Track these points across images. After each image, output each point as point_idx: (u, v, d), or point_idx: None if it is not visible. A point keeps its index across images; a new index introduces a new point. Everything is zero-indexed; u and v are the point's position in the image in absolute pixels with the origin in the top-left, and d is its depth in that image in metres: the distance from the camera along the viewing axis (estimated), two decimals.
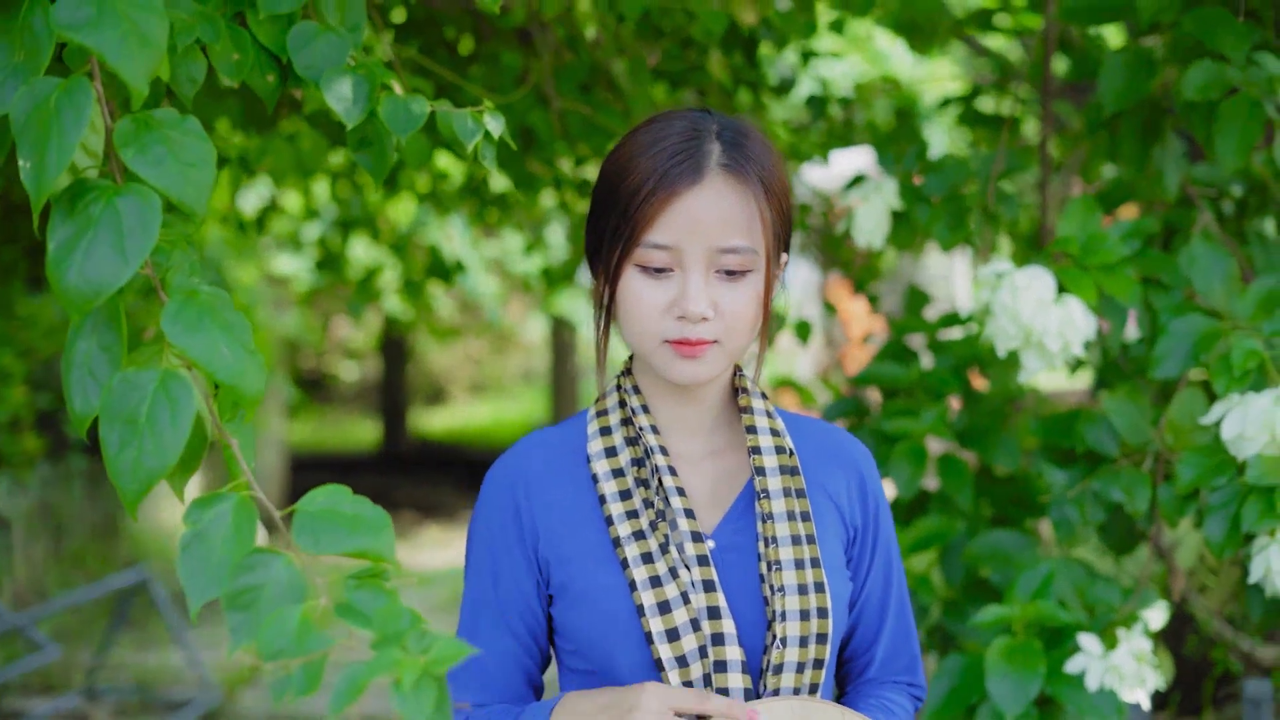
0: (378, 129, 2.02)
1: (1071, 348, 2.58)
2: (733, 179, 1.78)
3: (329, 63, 2.00)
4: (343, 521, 1.39)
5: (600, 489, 1.83)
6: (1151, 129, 2.93)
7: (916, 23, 3.47)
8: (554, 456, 1.88)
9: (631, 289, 1.79)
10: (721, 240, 1.76)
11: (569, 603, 1.82)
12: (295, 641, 1.26)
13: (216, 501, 1.41)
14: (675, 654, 1.74)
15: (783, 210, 1.84)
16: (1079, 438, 2.68)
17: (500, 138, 2.03)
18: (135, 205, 1.53)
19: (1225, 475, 2.45)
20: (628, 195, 1.78)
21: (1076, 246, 2.63)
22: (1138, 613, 2.65)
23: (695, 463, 1.88)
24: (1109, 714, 2.56)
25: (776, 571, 1.79)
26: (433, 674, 1.21)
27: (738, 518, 1.85)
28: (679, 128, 1.81)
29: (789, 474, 1.86)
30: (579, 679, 1.85)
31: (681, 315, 1.76)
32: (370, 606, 1.30)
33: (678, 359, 1.78)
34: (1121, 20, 2.89)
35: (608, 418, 1.89)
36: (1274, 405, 2.38)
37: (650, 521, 1.80)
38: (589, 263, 1.92)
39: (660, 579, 1.76)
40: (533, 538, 1.84)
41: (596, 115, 3.29)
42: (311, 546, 1.37)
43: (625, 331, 1.83)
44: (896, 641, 1.98)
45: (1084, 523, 2.64)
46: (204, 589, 1.37)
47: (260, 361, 1.50)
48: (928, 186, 3.06)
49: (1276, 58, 2.82)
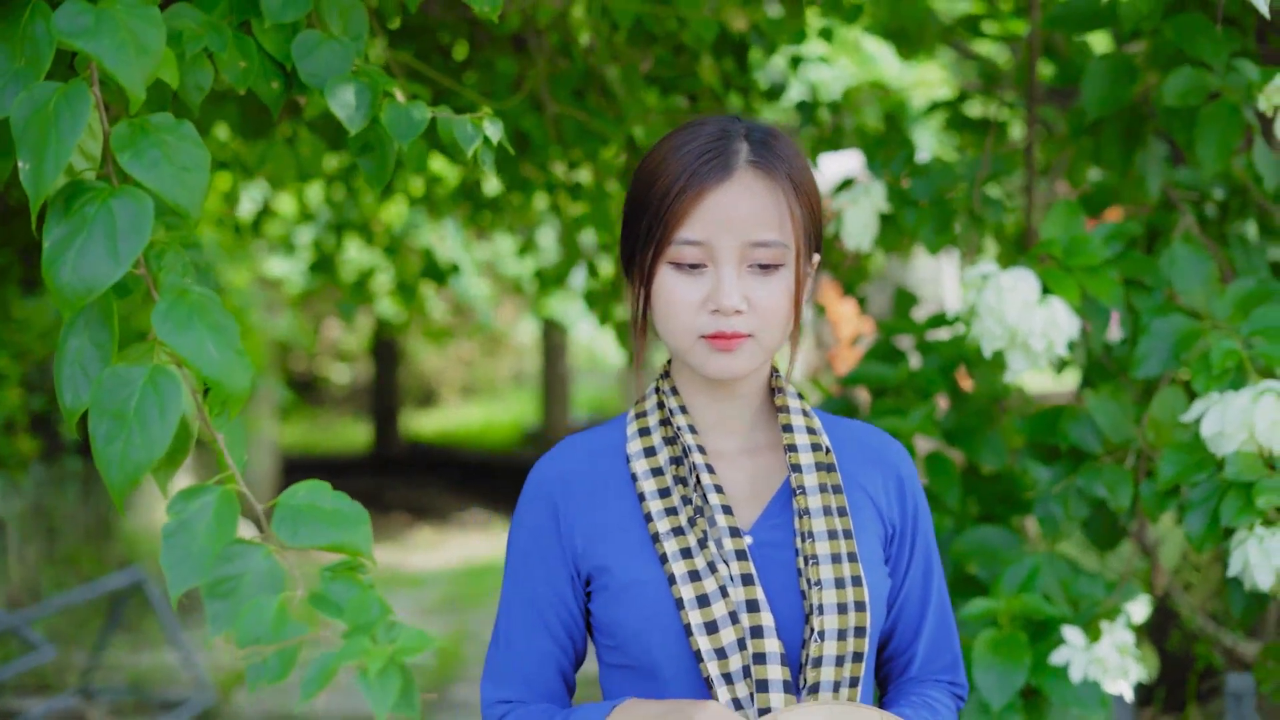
0: (380, 135, 2.07)
1: (1055, 347, 2.64)
2: (762, 175, 1.81)
3: (332, 70, 2.05)
4: (321, 516, 1.45)
5: (639, 487, 1.86)
6: (1133, 134, 2.99)
7: (904, 29, 3.53)
8: (593, 458, 1.92)
9: (665, 287, 1.82)
10: (752, 234, 1.79)
11: (609, 599, 1.84)
12: (272, 630, 1.32)
13: (200, 494, 1.47)
14: (714, 646, 1.76)
15: (813, 209, 1.87)
16: (1063, 435, 2.74)
17: (498, 142, 2.09)
18: (129, 207, 1.59)
19: (1205, 471, 2.51)
20: (659, 196, 1.82)
21: (1060, 249, 2.69)
22: (1120, 606, 2.71)
23: (733, 460, 1.91)
24: (1092, 705, 2.62)
25: (813, 566, 1.82)
26: (398, 663, 1.26)
27: (775, 514, 1.88)
28: (707, 131, 1.85)
29: (825, 470, 1.89)
30: (618, 675, 1.87)
31: (716, 309, 1.79)
32: (343, 597, 1.36)
33: (713, 353, 1.81)
34: (1104, 28, 2.95)
35: (646, 419, 1.92)
36: (1252, 403, 2.44)
37: (689, 518, 1.83)
38: (624, 271, 1.95)
39: (699, 573, 1.79)
40: (570, 538, 1.87)
41: (590, 120, 3.34)
42: (291, 539, 1.43)
43: (662, 330, 1.85)
44: (938, 640, 2.00)
45: (1068, 518, 2.70)
46: (185, 577, 1.43)
47: (246, 361, 1.56)
48: (915, 190, 3.12)
49: (1255, 64, 2.89)
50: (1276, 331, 2.56)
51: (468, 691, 7.45)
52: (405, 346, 19.58)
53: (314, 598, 1.35)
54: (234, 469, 1.57)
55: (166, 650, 8.05)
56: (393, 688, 1.27)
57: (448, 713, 7.05)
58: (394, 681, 1.28)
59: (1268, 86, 2.65)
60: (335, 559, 1.45)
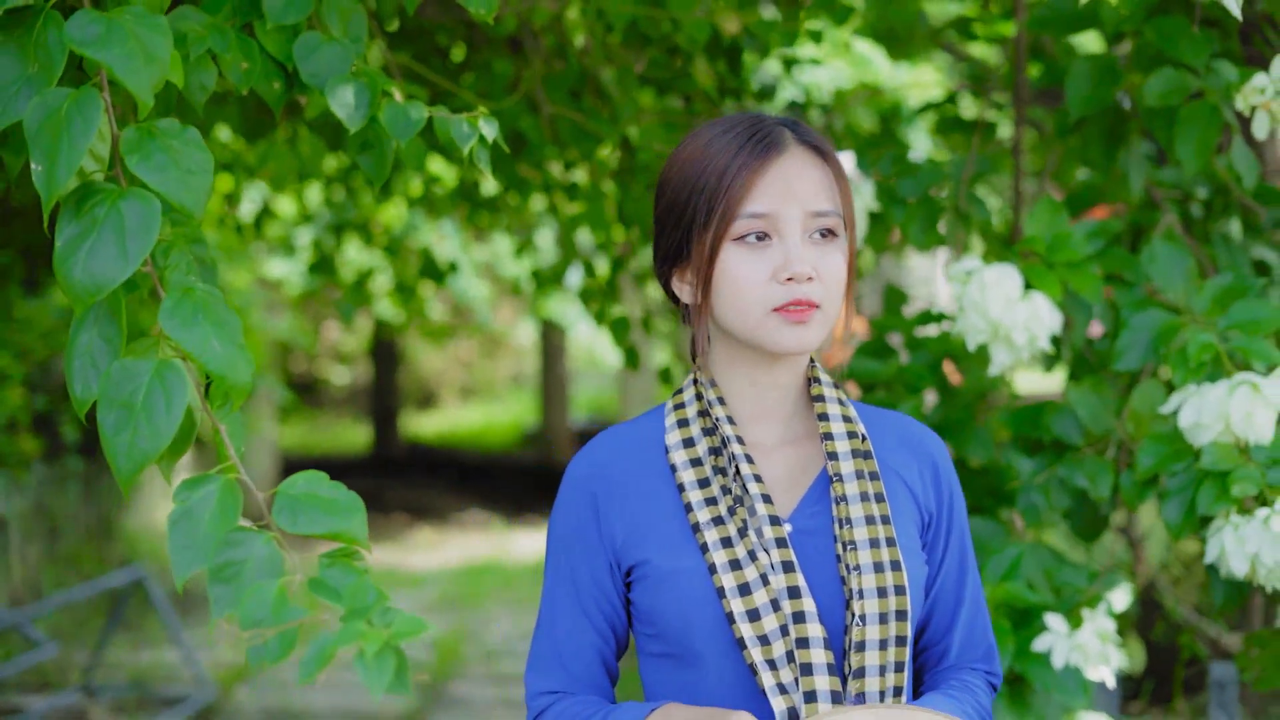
0: (378, 133, 2.14)
1: (1037, 341, 2.70)
2: (810, 151, 1.87)
3: (333, 71, 2.12)
4: (320, 504, 1.52)
5: (679, 478, 1.88)
6: (1116, 133, 3.06)
7: (894, 31, 3.59)
8: (632, 449, 1.94)
9: (731, 264, 1.83)
10: (814, 204, 1.83)
11: (649, 588, 1.86)
12: (273, 612, 1.39)
13: (204, 482, 1.54)
14: (757, 633, 1.78)
15: (850, 190, 1.92)
16: (1046, 428, 2.81)
17: (494, 142, 2.15)
18: (137, 208, 1.67)
19: (1182, 462, 2.57)
20: (715, 176, 1.83)
21: (1042, 245, 2.76)
22: (1102, 595, 2.78)
23: (772, 451, 1.93)
24: (1074, 690, 2.68)
25: (852, 551, 1.84)
26: (393, 646, 1.33)
27: (813, 503, 1.90)
28: (741, 119, 1.90)
29: (862, 457, 1.91)
30: (659, 664, 1.90)
31: (790, 277, 1.81)
32: (341, 583, 1.42)
33: (786, 326, 1.82)
34: (1088, 30, 3.02)
35: (685, 410, 1.94)
36: (1227, 395, 2.50)
37: (728, 507, 1.85)
38: (661, 275, 1.97)
39: (739, 562, 1.81)
40: (610, 529, 1.89)
41: (585, 121, 3.40)
42: (290, 526, 1.50)
43: (727, 311, 1.86)
44: (973, 630, 2.02)
45: (1050, 508, 2.77)
46: (190, 562, 1.49)
47: (248, 355, 1.64)
48: (902, 189, 3.19)
49: (1238, 65, 2.95)
50: (1252, 325, 2.62)
51: (466, 689, 7.51)
52: (405, 348, 19.64)
53: (313, 583, 1.42)
54: (235, 459, 1.64)
55: (167, 648, 8.11)
56: (388, 669, 1.34)
57: (446, 710, 7.10)
58: (389, 663, 1.34)
59: (1245, 87, 2.72)
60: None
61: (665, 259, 1.94)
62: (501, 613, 9.51)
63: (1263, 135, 2.77)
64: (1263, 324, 2.62)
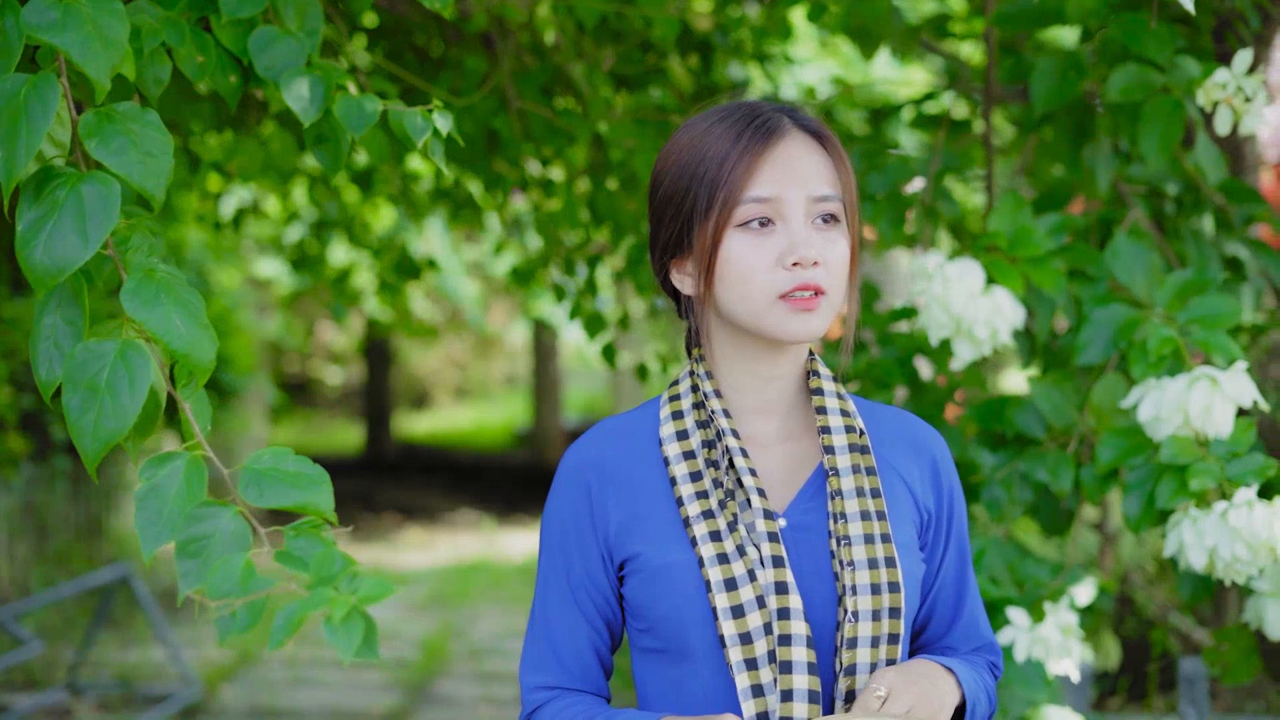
0: (334, 126, 2.15)
1: (999, 336, 2.71)
2: (809, 136, 1.85)
3: (288, 64, 2.13)
4: (285, 478, 1.53)
5: (672, 471, 1.86)
6: (1083, 129, 3.07)
7: (865, 28, 3.60)
8: (626, 441, 1.92)
9: (735, 251, 1.81)
10: (816, 189, 1.81)
11: (641, 582, 1.85)
12: (240, 585, 1.40)
13: (170, 459, 1.55)
14: (739, 630, 1.77)
15: (851, 176, 1.89)
16: (1009, 422, 2.82)
17: (449, 135, 2.16)
18: (97, 191, 1.69)
19: (1142, 455, 2.58)
20: (715, 162, 1.82)
21: (1005, 240, 2.77)
22: (1065, 588, 2.79)
23: (768, 446, 1.91)
24: (1036, 684, 2.69)
25: (846, 546, 1.82)
26: (360, 611, 1.34)
27: (809, 498, 1.88)
28: (737, 106, 1.88)
29: (859, 452, 1.89)
30: (652, 660, 1.88)
31: (795, 262, 1.78)
32: (307, 553, 1.43)
33: (793, 314, 1.80)
34: (1053, 25, 3.03)
35: (680, 402, 1.92)
36: (1186, 389, 2.51)
37: (719, 501, 1.83)
38: (657, 268, 1.95)
39: (727, 556, 1.79)
40: (604, 522, 1.88)
41: (556, 118, 3.41)
42: (257, 500, 1.51)
43: (732, 299, 1.83)
44: (972, 629, 2.00)
45: (1011, 503, 2.78)
46: (157, 538, 1.51)
47: (212, 334, 1.65)
48: (871, 184, 3.20)
49: (1207, 62, 2.96)
50: (1213, 320, 2.64)
51: (452, 687, 7.52)
52: (398, 348, 19.64)
53: (280, 554, 1.43)
54: (200, 436, 1.66)
55: (153, 645, 8.11)
56: (356, 634, 1.35)
57: (432, 707, 7.11)
58: (357, 628, 1.35)
59: (1206, 82, 2.73)
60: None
61: (664, 251, 1.92)
62: (489, 611, 9.52)
63: (1224, 131, 2.78)
64: (1222, 318, 2.63)
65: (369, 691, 7.36)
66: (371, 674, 7.71)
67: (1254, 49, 3.65)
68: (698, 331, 1.94)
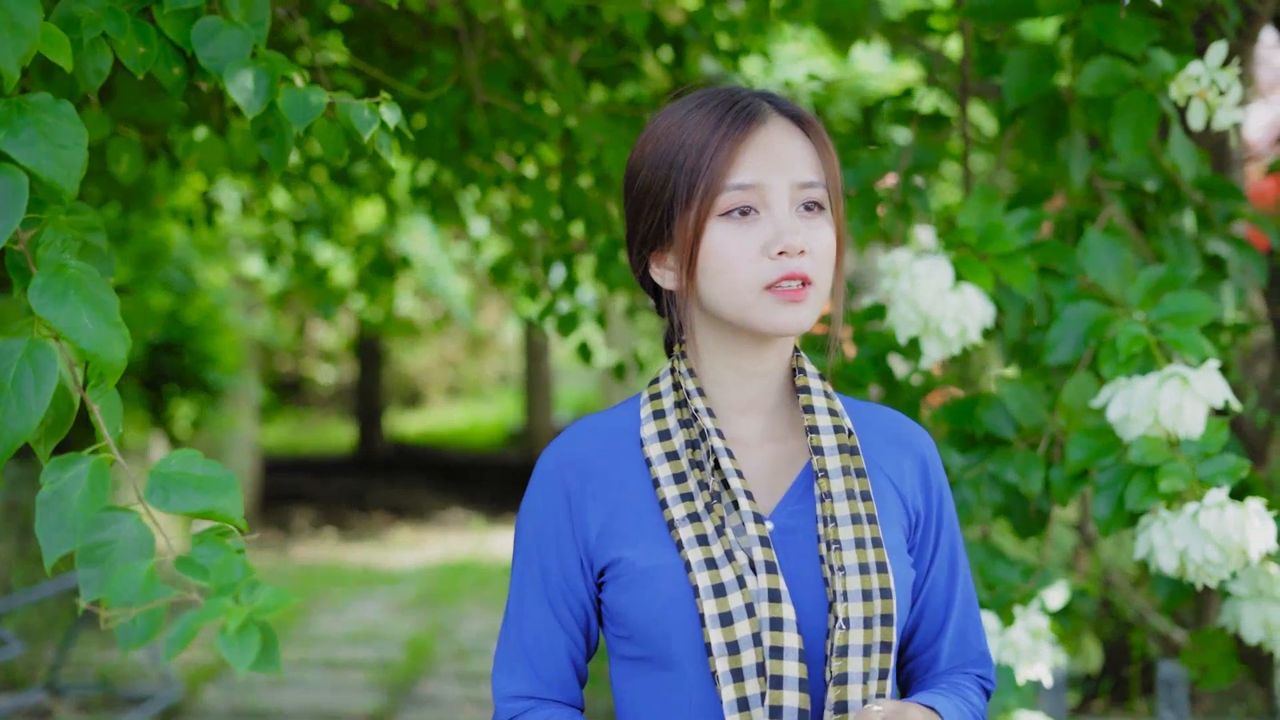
0: (279, 119, 2.10)
1: (968, 333, 2.66)
2: (791, 121, 1.79)
3: (232, 55, 2.08)
4: (193, 483, 1.48)
5: (654, 472, 1.79)
6: (1056, 124, 3.02)
7: (839, 23, 3.55)
8: (606, 440, 1.85)
9: (718, 242, 1.75)
10: (800, 175, 1.76)
11: (624, 586, 1.78)
12: (142, 593, 1.35)
13: (74, 463, 1.50)
14: (727, 639, 1.70)
15: (835, 162, 1.83)
16: (979, 422, 2.77)
17: (398, 128, 2.12)
18: (4, 183, 1.64)
19: (1112, 456, 2.53)
20: (695, 150, 1.76)
21: (974, 236, 2.71)
22: (1036, 591, 2.74)
23: (753, 446, 1.84)
24: (1005, 689, 2.64)
25: (836, 551, 1.76)
26: (257, 621, 1.29)
27: (796, 500, 1.82)
28: (716, 92, 1.82)
29: (848, 453, 1.82)
30: (633, 669, 1.81)
31: (781, 251, 1.72)
32: (209, 560, 1.38)
33: (780, 306, 1.74)
34: (1025, 18, 2.98)
35: (661, 401, 1.85)
36: (1157, 388, 2.46)
37: (706, 504, 1.77)
38: (635, 262, 1.89)
39: (715, 561, 1.73)
40: (583, 524, 1.81)
41: (523, 112, 3.36)
42: (162, 505, 1.46)
43: (716, 292, 1.77)
44: (964, 635, 1.93)
45: (980, 504, 2.72)
46: (59, 544, 1.46)
47: (123, 333, 1.60)
48: (844, 180, 3.14)
49: (1179, 54, 2.91)
50: (1184, 317, 2.58)
51: (438, 687, 7.47)
52: (390, 347, 19.61)
53: (180, 562, 1.39)
54: (109, 439, 1.60)
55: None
56: (252, 645, 1.30)
57: (415, 708, 7.07)
58: (253, 639, 1.30)
59: (1179, 76, 2.68)
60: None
61: (642, 244, 1.85)
62: (476, 611, 9.47)
63: (1199, 125, 2.73)
64: (1195, 316, 2.58)
65: (352, 692, 7.32)
66: (356, 675, 7.66)
67: (1238, 44, 3.62)
68: (679, 327, 1.86)
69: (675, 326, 1.88)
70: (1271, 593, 2.73)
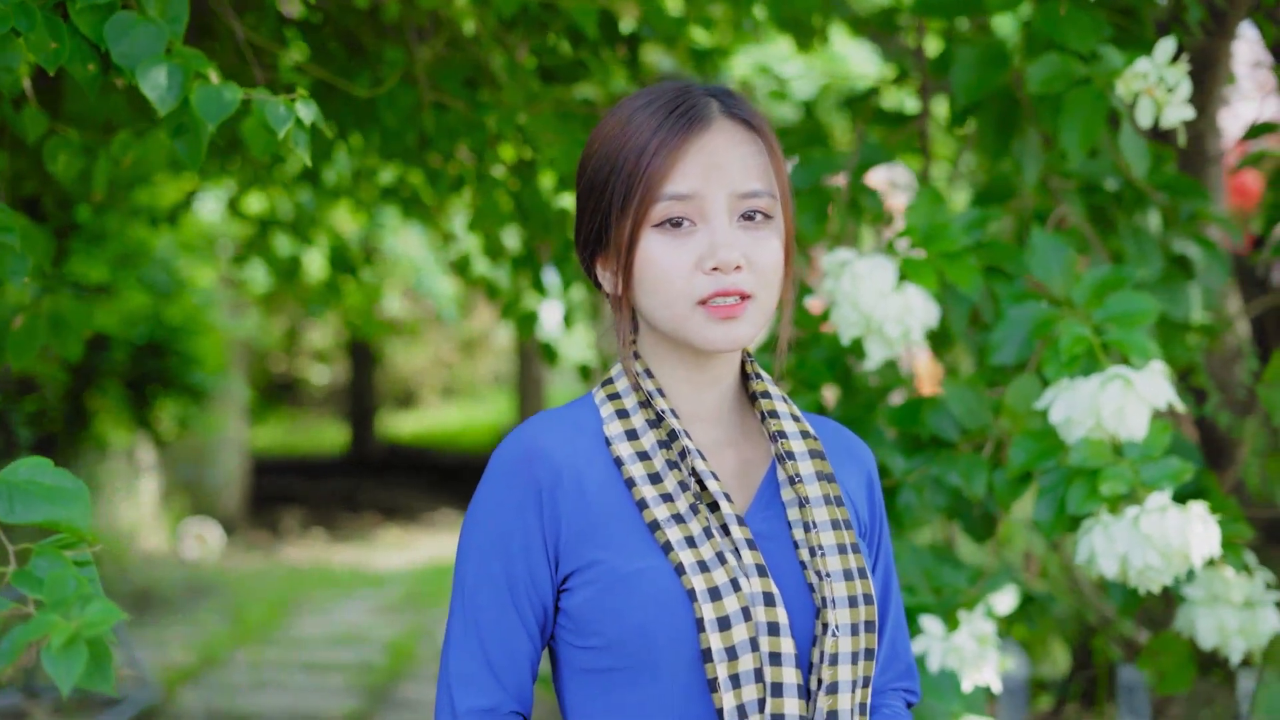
0: (194, 116, 2.06)
1: (911, 334, 2.62)
2: (739, 125, 1.72)
3: (146, 52, 2.04)
4: (40, 492, 1.44)
5: (627, 472, 1.71)
6: (1008, 121, 2.97)
7: (798, 19, 3.51)
8: (571, 437, 1.75)
9: (652, 253, 1.69)
10: (741, 184, 1.69)
11: (600, 592, 1.68)
12: None
13: None
14: (725, 644, 1.63)
15: (784, 167, 1.78)
16: (924, 424, 2.72)
17: (311, 123, 2.08)
18: None
19: (1054, 458, 2.49)
20: (633, 154, 1.69)
21: (919, 235, 2.67)
22: (983, 596, 2.70)
23: (715, 451, 1.78)
24: (949, 695, 2.60)
25: (821, 557, 1.71)
26: (84, 637, 1.25)
27: (765, 505, 1.77)
28: (667, 89, 1.75)
29: (818, 458, 1.78)
30: (595, 681, 1.72)
31: (715, 266, 1.66)
32: (45, 573, 1.34)
33: (713, 323, 1.68)
34: (972, 14, 2.94)
35: (622, 401, 1.77)
36: (1099, 390, 2.42)
37: (690, 505, 1.70)
38: (583, 262, 1.82)
39: (707, 564, 1.66)
40: (555, 519, 1.71)
41: (472, 112, 3.32)
42: (7, 515, 1.42)
43: (650, 305, 1.72)
44: (897, 646, 1.90)
45: (923, 507, 2.68)
46: None
47: None
48: (794, 178, 3.10)
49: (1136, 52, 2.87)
50: (1128, 318, 2.54)
51: (417, 690, 7.43)
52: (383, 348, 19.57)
53: (17, 576, 1.35)
54: None
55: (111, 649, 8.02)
56: (78, 662, 1.26)
57: (395, 710, 7.03)
58: (79, 656, 1.27)
59: (1126, 72, 2.64)
60: None
61: (585, 245, 1.79)
62: None
63: (1147, 123, 2.69)
64: (1139, 316, 2.54)
65: (331, 695, 7.28)
66: (335, 677, 7.63)
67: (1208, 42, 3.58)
68: (632, 326, 1.80)
69: (626, 325, 1.81)
70: (1226, 597, 2.69)
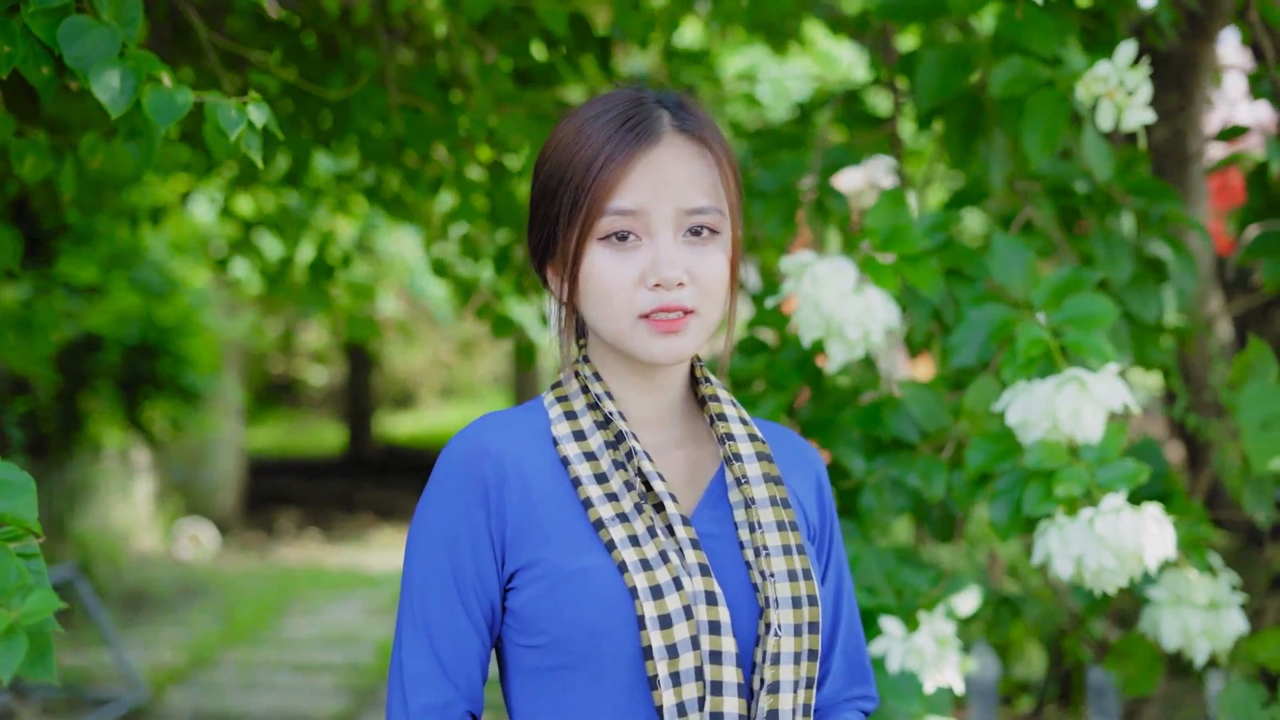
0: (146, 119, 2.07)
1: (871, 336, 2.62)
2: (689, 140, 1.73)
3: (99, 55, 2.05)
4: None
5: (574, 471, 1.74)
6: (972, 124, 2.98)
7: (770, 23, 3.52)
8: (519, 437, 1.77)
9: (597, 267, 1.71)
10: (688, 200, 1.71)
11: (545, 590, 1.70)
12: None
13: None
14: (666, 642, 1.65)
15: (737, 178, 1.79)
16: (884, 426, 2.73)
17: (265, 126, 2.09)
18: None
19: (1011, 460, 2.50)
20: (582, 167, 1.71)
21: (879, 238, 2.68)
22: (944, 597, 2.70)
23: (663, 452, 1.81)
24: (909, 696, 2.60)
25: (765, 557, 1.73)
26: (24, 626, 1.26)
27: (712, 506, 1.78)
28: (620, 99, 1.76)
29: (765, 461, 1.80)
30: (540, 680, 1.73)
31: (657, 283, 1.69)
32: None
33: (655, 336, 1.71)
34: (936, 18, 2.94)
35: (571, 403, 1.80)
36: (1055, 392, 2.43)
37: (634, 504, 1.72)
38: (536, 266, 1.83)
39: (649, 562, 1.68)
40: (501, 517, 1.73)
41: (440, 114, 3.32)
42: None
43: (594, 316, 1.74)
44: (851, 651, 1.91)
45: (882, 508, 2.69)
46: None
47: None
48: (761, 181, 3.11)
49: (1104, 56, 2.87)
50: (1086, 320, 2.55)
51: None
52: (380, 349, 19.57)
53: None
54: None
55: (100, 649, 8.03)
56: (18, 651, 1.27)
57: (381, 711, 7.04)
58: (20, 645, 1.28)
59: (1086, 75, 2.65)
60: None
61: (536, 250, 1.81)
62: None
63: (1108, 126, 2.69)
64: (1096, 318, 2.54)
65: (319, 695, 7.29)
66: (325, 678, 7.64)
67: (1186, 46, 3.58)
68: (563, 342, 1.83)
69: (573, 331, 1.84)
70: (1190, 598, 2.70)
